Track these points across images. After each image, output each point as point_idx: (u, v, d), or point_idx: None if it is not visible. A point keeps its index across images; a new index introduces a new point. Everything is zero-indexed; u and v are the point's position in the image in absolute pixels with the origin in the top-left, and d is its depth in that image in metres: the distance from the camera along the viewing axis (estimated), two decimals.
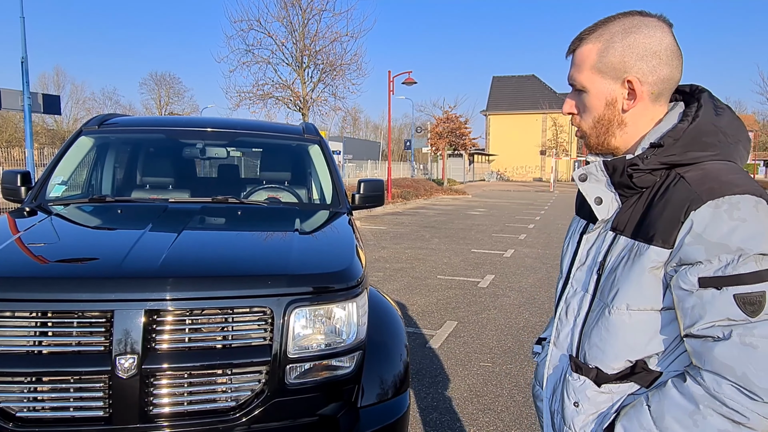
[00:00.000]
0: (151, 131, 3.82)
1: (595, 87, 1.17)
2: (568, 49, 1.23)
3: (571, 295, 1.27)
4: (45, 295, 1.85)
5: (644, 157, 1.11)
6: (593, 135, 1.22)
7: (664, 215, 1.06)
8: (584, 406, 1.19)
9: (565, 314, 1.28)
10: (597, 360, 1.17)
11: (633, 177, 1.12)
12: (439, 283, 7.58)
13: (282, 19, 19.73)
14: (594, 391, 1.18)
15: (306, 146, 3.87)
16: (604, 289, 1.16)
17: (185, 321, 1.91)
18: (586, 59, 1.18)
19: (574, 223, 1.40)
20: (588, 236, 1.25)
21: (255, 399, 1.96)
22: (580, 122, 1.23)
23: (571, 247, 1.33)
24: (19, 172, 3.29)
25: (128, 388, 1.82)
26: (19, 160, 19.85)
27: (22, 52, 13.93)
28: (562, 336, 1.28)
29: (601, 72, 1.15)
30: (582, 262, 1.25)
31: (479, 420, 3.55)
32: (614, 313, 1.12)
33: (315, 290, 2.05)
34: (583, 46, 1.19)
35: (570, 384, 1.22)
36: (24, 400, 1.84)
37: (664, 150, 1.10)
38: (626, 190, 1.16)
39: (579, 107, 1.22)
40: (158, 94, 64.49)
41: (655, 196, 1.10)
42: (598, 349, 1.16)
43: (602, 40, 1.16)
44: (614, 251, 1.15)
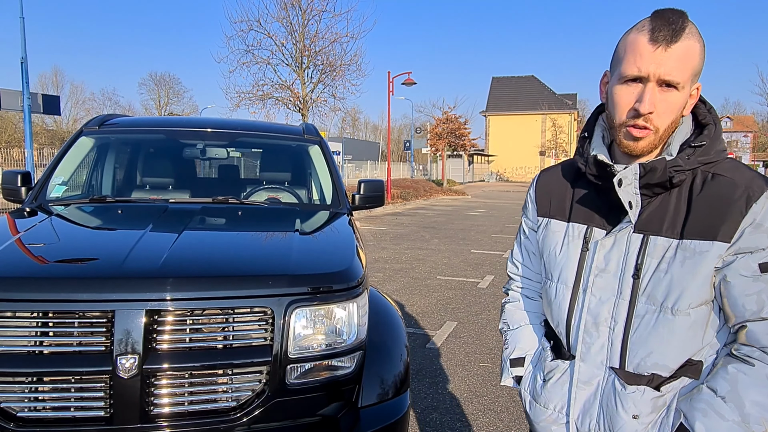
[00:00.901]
0: (152, 132, 3.83)
1: (687, 88, 1.10)
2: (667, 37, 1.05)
3: (596, 304, 1.20)
4: (46, 295, 1.85)
5: (685, 157, 1.12)
6: (662, 138, 1.13)
7: (720, 211, 1.08)
8: (645, 415, 1.16)
9: (594, 326, 1.20)
10: (657, 366, 1.15)
11: (674, 177, 1.12)
12: (439, 284, 7.58)
13: (282, 19, 19.75)
14: (654, 397, 1.16)
15: (306, 147, 3.88)
16: (653, 293, 1.13)
17: (186, 321, 1.91)
18: (692, 57, 1.07)
19: (558, 228, 1.30)
20: (603, 241, 1.20)
21: (256, 399, 1.96)
22: (659, 122, 1.11)
23: (573, 254, 1.25)
24: (20, 173, 3.29)
25: (129, 388, 1.82)
26: (19, 160, 19.84)
27: (21, 53, 13.94)
28: (594, 349, 1.20)
29: (695, 74, 1.10)
30: (602, 269, 1.19)
31: (479, 420, 3.55)
32: (679, 315, 1.11)
33: (315, 290, 2.05)
34: (688, 41, 1.06)
35: (626, 397, 1.16)
36: (25, 400, 1.84)
37: (704, 150, 1.12)
38: (656, 191, 1.14)
39: (659, 106, 1.09)
40: (158, 94, 64.50)
41: (692, 195, 1.12)
42: (659, 355, 1.14)
43: (698, 40, 1.08)
44: (654, 253, 1.13)
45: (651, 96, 1.08)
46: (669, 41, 1.05)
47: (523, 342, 1.45)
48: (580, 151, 1.27)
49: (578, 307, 1.23)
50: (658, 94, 1.08)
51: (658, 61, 1.06)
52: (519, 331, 1.48)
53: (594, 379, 1.22)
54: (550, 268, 1.31)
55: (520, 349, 1.45)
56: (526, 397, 1.40)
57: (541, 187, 1.40)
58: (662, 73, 1.06)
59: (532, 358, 1.43)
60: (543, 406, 1.33)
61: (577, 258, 1.24)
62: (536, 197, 1.40)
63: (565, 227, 1.29)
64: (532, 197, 1.42)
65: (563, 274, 1.27)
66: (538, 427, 1.35)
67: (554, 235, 1.31)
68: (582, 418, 1.24)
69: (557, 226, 1.31)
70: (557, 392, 1.30)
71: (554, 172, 1.40)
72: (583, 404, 1.24)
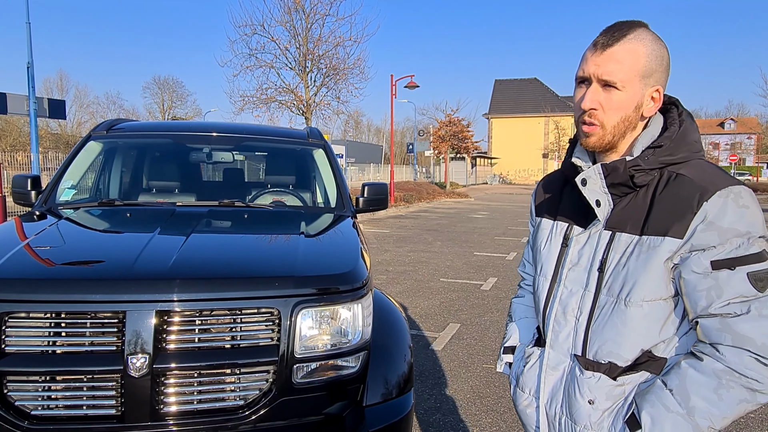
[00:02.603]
0: (159, 136, 3.88)
1: (632, 89, 1.18)
2: (605, 42, 1.17)
3: (567, 296, 1.29)
4: (59, 297, 1.90)
5: (645, 157, 1.19)
6: (612, 133, 1.21)
7: (675, 208, 1.13)
8: (600, 402, 1.22)
9: (563, 316, 1.29)
10: (612, 355, 1.21)
11: (635, 177, 1.18)
12: (442, 286, 7.61)
13: (285, 23, 19.86)
14: (610, 385, 1.21)
15: (310, 150, 3.92)
16: (612, 285, 1.20)
17: (195, 321, 1.95)
18: (632, 59, 1.16)
19: (545, 226, 1.40)
20: (578, 237, 1.29)
21: (263, 398, 2.00)
22: (603, 119, 1.20)
23: (554, 249, 1.35)
24: (30, 177, 3.33)
25: (140, 387, 1.86)
26: (23, 164, 19.97)
27: (27, 57, 14.05)
28: (561, 337, 1.30)
29: (642, 76, 1.17)
30: (574, 263, 1.28)
31: (482, 421, 3.58)
32: (631, 307, 1.17)
33: (321, 291, 2.10)
34: (627, 44, 1.16)
35: (583, 382, 1.24)
36: (39, 399, 1.88)
37: (663, 150, 1.19)
38: (622, 190, 1.21)
39: (604, 103, 1.19)
40: (161, 98, 64.82)
41: (655, 194, 1.18)
42: (613, 344, 1.20)
43: (645, 44, 1.17)
44: (617, 249, 1.20)
45: (591, 94, 1.19)
46: (606, 45, 1.16)
47: (518, 333, 1.57)
48: (566, 156, 1.37)
49: (553, 298, 1.32)
50: (601, 93, 1.19)
51: (596, 62, 1.17)
52: (518, 322, 1.59)
53: (560, 365, 1.31)
54: (537, 262, 1.41)
55: (514, 339, 1.57)
56: (512, 382, 1.50)
57: (539, 190, 1.52)
58: (600, 73, 1.17)
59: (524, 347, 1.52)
60: (521, 389, 1.43)
61: (557, 253, 1.34)
62: (535, 200, 1.52)
63: (551, 225, 1.39)
64: (533, 200, 1.54)
65: (544, 267, 1.37)
66: (518, 410, 1.45)
67: (542, 233, 1.41)
68: (550, 402, 1.33)
69: (546, 224, 1.41)
70: (531, 377, 1.40)
71: (553, 177, 1.51)
72: (551, 389, 1.32)
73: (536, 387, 1.37)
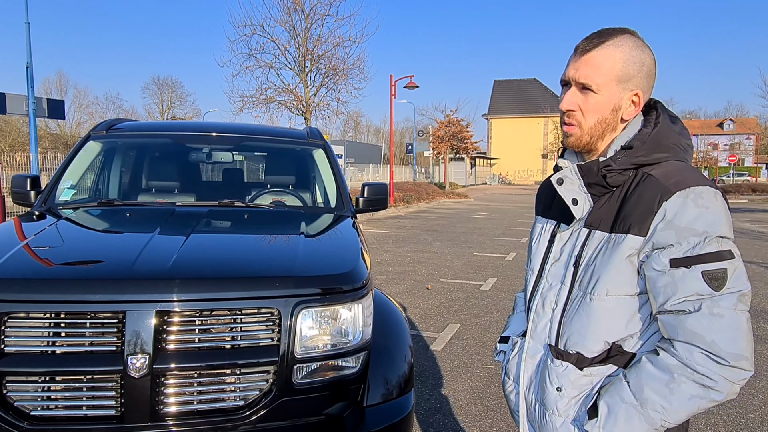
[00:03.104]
0: (158, 136, 3.88)
1: (609, 92, 1.23)
2: (584, 47, 1.24)
3: (547, 289, 1.36)
4: (58, 297, 1.89)
5: (616, 158, 1.24)
6: (589, 134, 1.28)
7: (639, 207, 1.18)
8: (567, 390, 1.27)
9: (542, 307, 1.36)
10: (578, 345, 1.26)
11: (607, 177, 1.24)
12: (442, 286, 7.61)
13: (285, 23, 19.84)
14: (576, 375, 1.27)
15: (310, 150, 3.92)
16: (583, 280, 1.26)
17: (195, 322, 1.95)
18: (609, 64, 1.22)
19: (539, 224, 1.47)
20: (561, 235, 1.35)
21: (263, 398, 2.00)
22: (581, 120, 1.27)
23: (542, 246, 1.42)
24: (29, 177, 3.33)
25: (140, 388, 1.86)
26: (23, 164, 19.94)
27: (26, 57, 14.04)
28: (540, 328, 1.36)
29: (619, 80, 1.23)
30: (556, 259, 1.35)
31: (482, 421, 3.58)
32: (595, 300, 1.22)
33: (321, 292, 2.09)
34: (604, 50, 1.22)
35: (552, 370, 1.30)
36: (38, 399, 1.88)
37: (634, 151, 1.23)
38: (599, 190, 1.26)
39: (582, 106, 1.26)
40: (161, 98, 64.83)
41: (627, 193, 1.22)
42: (579, 335, 1.25)
43: (623, 50, 1.22)
44: (590, 245, 1.26)
45: (568, 96, 1.27)
46: (585, 50, 1.23)
47: (515, 324, 1.64)
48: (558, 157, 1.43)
49: (536, 291, 1.39)
50: (579, 96, 1.26)
51: (575, 66, 1.25)
52: (517, 314, 1.67)
53: (537, 354, 1.37)
54: (529, 258, 1.49)
55: (509, 330, 1.63)
56: (503, 369, 1.56)
57: (540, 191, 1.58)
58: (578, 77, 1.24)
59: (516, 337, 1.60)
60: (507, 375, 1.51)
61: (544, 249, 1.41)
62: (536, 200, 1.58)
63: (543, 223, 1.46)
64: (535, 200, 1.60)
65: (533, 262, 1.44)
66: (505, 394, 1.53)
67: (535, 230, 1.48)
68: (528, 388, 1.40)
69: (539, 222, 1.49)
70: (514, 365, 1.47)
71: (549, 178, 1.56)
72: (529, 376, 1.39)
73: (516, 373, 1.45)
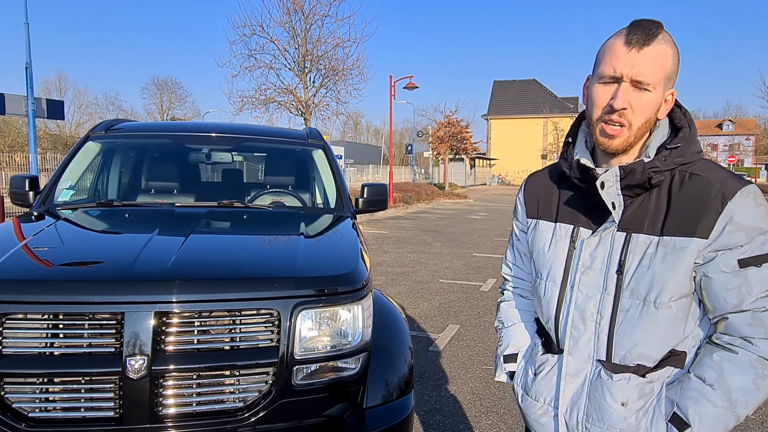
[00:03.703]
0: (158, 136, 3.87)
1: (659, 90, 1.17)
2: (640, 41, 1.14)
3: (583, 300, 1.26)
4: (56, 298, 1.88)
5: (661, 158, 1.19)
6: (635, 135, 1.20)
7: (698, 209, 1.15)
8: (633, 403, 1.22)
9: (581, 321, 1.26)
10: (642, 357, 1.21)
11: (652, 178, 1.19)
12: (441, 287, 7.60)
13: (284, 24, 19.83)
14: (641, 383, 1.22)
15: (310, 151, 3.91)
16: (637, 287, 1.19)
17: (194, 323, 1.94)
18: (663, 61, 1.15)
19: (544, 229, 1.37)
20: (588, 240, 1.27)
21: (262, 400, 1.99)
22: (632, 120, 1.18)
23: (560, 253, 1.32)
24: (28, 177, 3.32)
25: (138, 389, 1.85)
26: (22, 164, 19.94)
27: (26, 58, 14.02)
28: (582, 343, 1.26)
29: (667, 78, 1.18)
30: (588, 266, 1.26)
31: (482, 422, 3.57)
32: (661, 308, 1.18)
33: (321, 293, 2.08)
34: (659, 45, 1.15)
35: (612, 386, 1.22)
36: (36, 401, 1.87)
37: (680, 151, 1.19)
38: (636, 191, 1.21)
39: (634, 104, 1.17)
40: (160, 99, 64.82)
41: (671, 194, 1.19)
42: (644, 346, 1.20)
43: (671, 47, 1.16)
44: (636, 250, 1.20)
45: (624, 93, 1.16)
46: (642, 44, 1.14)
47: (516, 339, 1.53)
48: (564, 155, 1.33)
49: (566, 303, 1.29)
50: (632, 93, 1.16)
51: (631, 62, 1.14)
52: (512, 328, 1.55)
53: (581, 372, 1.28)
54: (540, 266, 1.37)
55: (513, 346, 1.52)
56: (519, 391, 1.46)
57: (529, 190, 1.47)
58: (634, 74, 1.15)
59: (524, 353, 1.50)
60: (534, 398, 1.39)
61: (564, 256, 1.31)
62: (525, 200, 1.47)
63: (552, 227, 1.36)
64: (521, 200, 1.50)
65: (552, 272, 1.33)
66: (530, 419, 1.42)
67: (543, 236, 1.37)
68: (570, 410, 1.30)
69: (545, 226, 1.37)
70: (546, 385, 1.36)
71: (541, 176, 1.47)
72: (571, 397, 1.29)
73: (554, 395, 1.33)
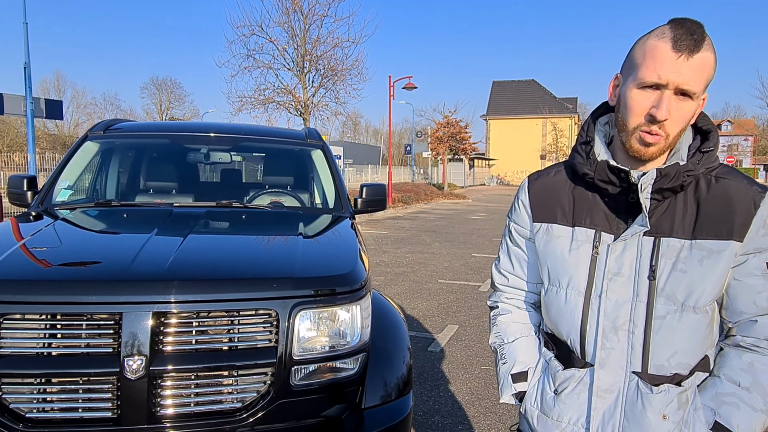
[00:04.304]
0: (156, 136, 3.86)
1: (699, 99, 1.12)
2: (690, 47, 1.06)
3: (613, 308, 1.18)
4: (54, 298, 1.88)
5: (695, 162, 1.16)
6: (670, 144, 1.15)
7: (732, 212, 1.14)
8: (672, 413, 1.17)
9: (613, 331, 1.18)
10: (681, 365, 1.17)
11: (685, 182, 1.15)
12: (440, 287, 7.60)
13: (283, 24, 19.81)
14: (678, 393, 1.17)
15: (309, 151, 3.91)
16: (672, 293, 1.14)
17: (192, 323, 1.94)
18: (708, 69, 1.09)
19: (563, 235, 1.27)
20: (613, 245, 1.19)
21: (260, 400, 1.99)
22: (671, 129, 1.12)
23: (582, 259, 1.22)
24: (26, 177, 3.31)
25: (136, 390, 1.84)
26: (20, 164, 19.92)
27: (24, 58, 13.99)
28: (615, 355, 1.18)
29: (707, 85, 1.12)
30: (615, 273, 1.18)
31: (481, 423, 3.57)
32: (700, 313, 1.16)
33: (319, 293, 2.08)
34: (705, 53, 1.07)
35: (653, 399, 1.16)
36: (33, 401, 1.86)
37: (710, 155, 1.18)
38: (665, 195, 1.17)
39: (674, 114, 1.10)
40: (159, 99, 64.74)
41: (699, 197, 1.17)
42: (684, 353, 1.17)
43: (713, 53, 1.09)
44: (667, 254, 1.15)
45: (668, 103, 1.09)
46: (691, 51, 1.05)
47: (523, 355, 1.38)
48: (582, 155, 1.24)
49: (593, 313, 1.20)
50: (674, 103, 1.09)
51: (678, 70, 1.06)
52: (516, 344, 1.41)
53: (615, 386, 1.19)
54: (557, 274, 1.26)
55: (522, 363, 1.37)
56: (533, 412, 1.33)
57: (536, 192, 1.35)
58: (681, 82, 1.07)
59: (535, 370, 1.36)
60: (556, 419, 1.27)
61: (587, 263, 1.22)
62: (531, 203, 1.35)
63: (570, 232, 1.25)
64: (525, 203, 1.36)
65: (573, 279, 1.23)
66: None
67: (558, 240, 1.27)
68: (602, 428, 1.20)
69: (561, 230, 1.27)
70: (572, 403, 1.24)
71: (549, 177, 1.36)
72: (603, 414, 1.20)
73: (583, 413, 1.22)
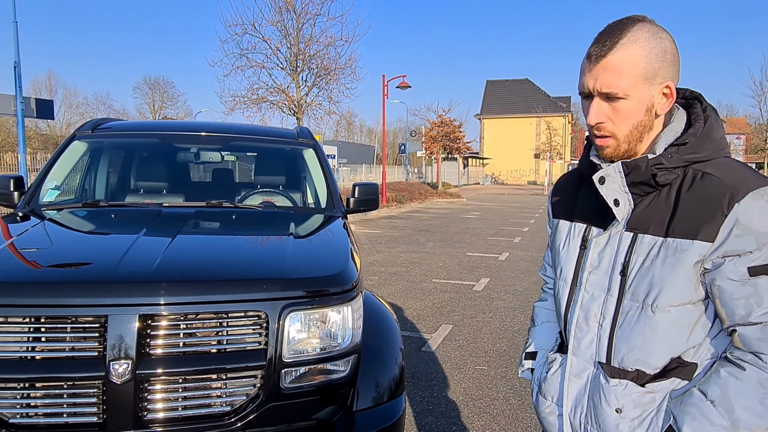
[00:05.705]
0: (145, 136, 3.82)
1: (638, 94, 1.12)
2: (598, 53, 1.11)
3: (588, 300, 1.24)
4: (38, 300, 1.84)
5: (668, 155, 1.14)
6: (626, 142, 1.16)
7: (703, 210, 1.08)
8: (628, 410, 1.17)
9: (585, 321, 1.24)
10: (639, 362, 1.16)
11: (657, 176, 1.14)
12: (434, 287, 7.58)
13: (276, 23, 19.72)
14: (638, 393, 1.17)
15: (300, 150, 3.88)
16: (637, 290, 1.15)
17: (180, 326, 1.90)
18: (630, 65, 1.10)
19: (563, 228, 1.36)
20: (597, 239, 1.23)
21: (250, 404, 1.95)
22: (614, 130, 1.15)
23: (572, 252, 1.30)
24: (12, 177, 3.27)
25: (122, 394, 1.81)
26: (11, 165, 19.73)
27: (14, 57, 13.86)
28: (584, 344, 1.24)
29: (646, 78, 1.11)
30: (595, 266, 1.23)
31: (475, 423, 3.55)
32: (658, 312, 1.12)
33: (310, 294, 2.05)
34: (621, 51, 1.10)
35: (609, 390, 1.19)
36: (17, 406, 1.82)
37: (687, 148, 1.14)
38: (643, 189, 1.16)
39: (612, 115, 1.14)
40: (152, 98, 64.42)
41: (680, 193, 1.13)
42: (641, 351, 1.15)
43: (641, 45, 1.10)
44: (640, 251, 1.15)
45: (595, 109, 1.15)
46: (599, 57, 1.11)
47: (540, 338, 1.52)
48: (584, 155, 1.31)
49: (573, 303, 1.27)
50: (606, 106, 1.14)
51: (592, 76, 1.13)
52: (540, 327, 1.55)
53: (584, 372, 1.26)
54: (555, 265, 1.37)
55: (537, 344, 1.52)
56: (534, 388, 1.46)
57: (555, 191, 1.47)
58: (599, 87, 1.12)
59: (546, 353, 1.48)
60: (544, 396, 1.39)
61: (576, 256, 1.29)
62: (551, 201, 1.47)
63: (569, 227, 1.34)
64: (549, 201, 1.50)
65: (564, 271, 1.32)
66: (541, 417, 1.41)
67: (560, 235, 1.36)
68: (574, 410, 1.28)
69: (563, 226, 1.36)
70: (554, 384, 1.35)
71: (567, 177, 1.47)
72: (575, 397, 1.28)
73: (559, 394, 1.33)
